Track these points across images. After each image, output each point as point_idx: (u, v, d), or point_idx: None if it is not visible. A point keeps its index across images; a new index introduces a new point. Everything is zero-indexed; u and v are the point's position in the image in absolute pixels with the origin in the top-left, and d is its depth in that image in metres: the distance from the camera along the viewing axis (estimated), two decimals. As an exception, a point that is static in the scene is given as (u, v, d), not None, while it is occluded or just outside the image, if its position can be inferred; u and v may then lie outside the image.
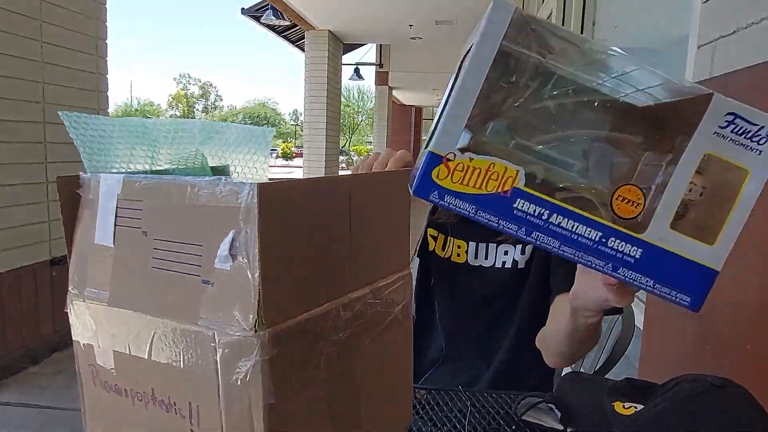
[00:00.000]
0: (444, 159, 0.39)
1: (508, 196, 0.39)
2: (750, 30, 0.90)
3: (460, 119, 0.38)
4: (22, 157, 2.58)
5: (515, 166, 0.39)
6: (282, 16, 7.77)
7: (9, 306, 2.55)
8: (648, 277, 0.41)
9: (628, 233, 0.40)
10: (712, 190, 0.40)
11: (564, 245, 0.40)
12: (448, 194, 0.40)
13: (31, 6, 2.57)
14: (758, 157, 0.39)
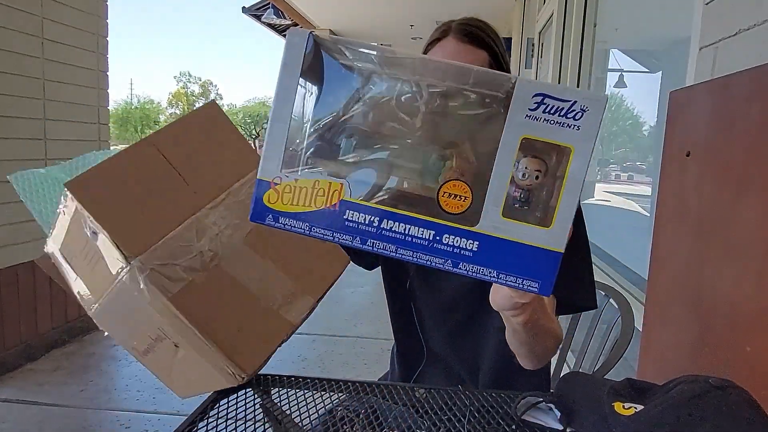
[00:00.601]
0: (271, 184, 0.41)
1: (337, 209, 0.41)
2: (753, 31, 0.90)
3: (278, 146, 0.40)
4: (21, 153, 2.58)
5: (339, 180, 0.40)
6: (283, 15, 7.77)
7: (7, 303, 2.55)
8: (491, 268, 0.41)
9: (460, 227, 0.40)
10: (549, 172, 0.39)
11: (401, 249, 0.41)
12: (282, 216, 0.42)
13: (32, 2, 2.56)
14: (577, 133, 0.38)
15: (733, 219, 0.83)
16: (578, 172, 0.39)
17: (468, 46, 0.89)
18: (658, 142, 2.31)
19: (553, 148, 0.38)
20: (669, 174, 1.07)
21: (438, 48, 0.92)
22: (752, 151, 0.80)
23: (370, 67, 0.40)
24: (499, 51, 0.93)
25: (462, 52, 0.90)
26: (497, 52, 0.92)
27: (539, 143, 0.38)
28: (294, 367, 2.80)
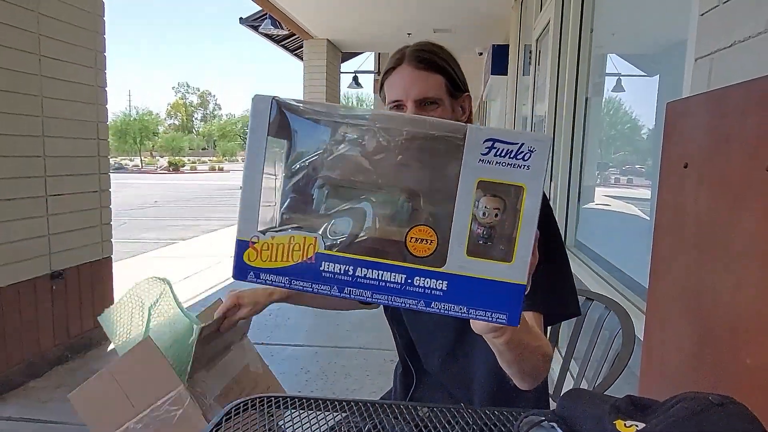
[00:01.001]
0: (250, 243, 0.43)
1: (314, 261, 0.43)
2: (748, 43, 0.91)
3: (253, 207, 0.43)
4: (21, 171, 2.58)
5: (312, 234, 0.43)
6: (280, 26, 7.81)
7: (9, 320, 2.55)
8: (461, 305, 0.43)
9: (429, 269, 0.42)
10: (508, 208, 0.42)
11: (376, 293, 0.44)
12: (263, 272, 0.44)
13: (29, 20, 2.58)
14: (528, 172, 0.41)
15: (731, 231, 0.84)
16: (532, 208, 0.42)
17: (423, 72, 0.92)
18: (656, 144, 2.31)
19: (509, 186, 0.41)
20: (667, 185, 1.07)
21: (395, 75, 0.94)
22: (749, 163, 0.80)
23: (335, 121, 0.43)
24: (455, 72, 0.96)
25: (418, 77, 0.92)
26: (452, 74, 0.95)
27: (496, 185, 0.41)
28: (297, 380, 2.79)
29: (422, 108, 0.92)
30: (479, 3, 6.09)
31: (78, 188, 2.96)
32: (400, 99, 0.92)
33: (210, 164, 43.56)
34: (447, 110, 0.95)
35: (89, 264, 3.08)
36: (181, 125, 71.27)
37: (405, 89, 0.92)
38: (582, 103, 3.13)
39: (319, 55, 8.44)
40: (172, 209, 11.96)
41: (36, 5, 2.61)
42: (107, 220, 3.23)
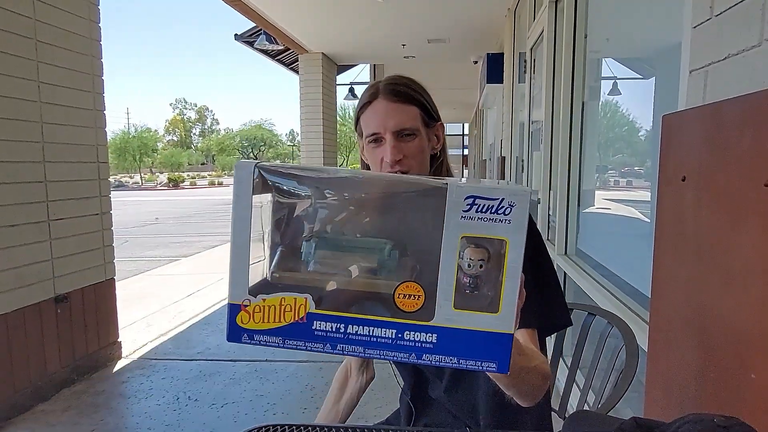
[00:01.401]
0: (242, 306, 0.44)
1: (305, 321, 0.44)
2: (741, 56, 0.92)
3: (243, 270, 0.44)
4: (23, 197, 2.60)
5: (302, 295, 0.43)
6: (275, 41, 7.86)
7: (15, 345, 2.55)
8: (451, 356, 0.44)
9: (418, 323, 0.43)
10: (492, 258, 0.43)
11: (368, 349, 0.44)
12: (256, 334, 0.45)
13: (27, 47, 2.61)
14: (509, 226, 0.42)
15: (731, 245, 0.84)
16: (516, 259, 0.43)
17: (399, 104, 0.95)
18: (654, 146, 2.32)
19: (491, 241, 0.42)
20: (665, 198, 1.08)
21: (370, 109, 0.96)
22: (747, 177, 0.81)
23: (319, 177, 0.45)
24: (428, 103, 0.99)
25: (395, 109, 0.94)
26: (426, 105, 0.98)
27: (481, 239, 0.42)
28: (303, 397, 2.78)
29: (400, 139, 0.94)
30: (472, 13, 6.13)
31: (80, 212, 2.97)
32: (378, 131, 0.94)
33: (209, 179, 43.59)
34: (423, 140, 0.97)
35: (93, 286, 3.08)
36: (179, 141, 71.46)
37: (382, 122, 0.94)
38: (579, 108, 3.15)
39: (315, 68, 8.49)
40: (173, 226, 11.97)
41: (33, 33, 2.63)
42: (109, 242, 3.23)
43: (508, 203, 0.42)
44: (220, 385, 2.93)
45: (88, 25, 3.02)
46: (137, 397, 2.78)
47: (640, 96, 3.02)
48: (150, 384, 2.94)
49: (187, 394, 2.81)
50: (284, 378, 3.01)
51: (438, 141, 1.02)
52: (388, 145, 0.93)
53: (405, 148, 0.95)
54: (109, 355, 3.22)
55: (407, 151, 0.94)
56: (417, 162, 0.96)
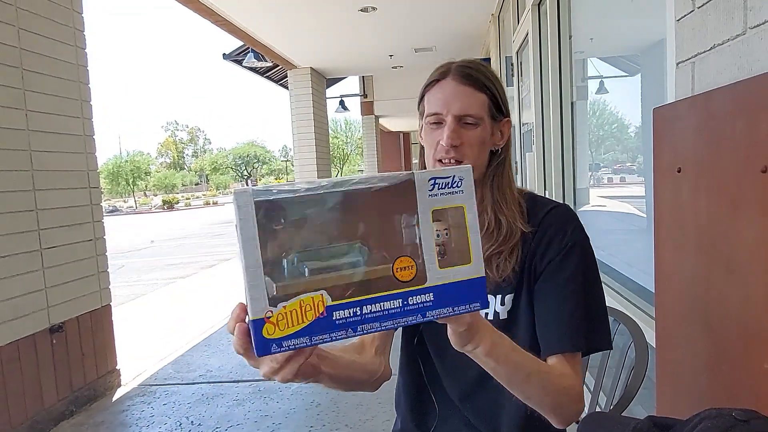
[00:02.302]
0: (265, 319, 0.47)
1: (326, 314, 0.49)
2: (726, 46, 0.91)
3: (259, 287, 0.47)
4: (14, 226, 2.57)
5: (317, 292, 0.48)
6: (263, 58, 7.89)
7: (10, 380, 2.50)
8: (448, 307, 0.54)
9: (417, 288, 0.52)
10: (453, 228, 0.54)
11: (384, 322, 0.51)
12: (284, 340, 0.48)
13: (13, 77, 2.59)
14: (463, 195, 0.54)
15: (732, 233, 0.83)
16: (473, 219, 0.55)
17: (468, 88, 0.90)
18: (644, 142, 2.32)
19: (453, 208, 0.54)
20: (662, 191, 1.07)
21: (437, 88, 0.92)
22: (743, 165, 0.80)
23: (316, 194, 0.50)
24: (498, 94, 0.93)
25: (462, 93, 0.90)
26: (496, 96, 0.93)
27: (444, 209, 0.53)
28: (308, 414, 2.74)
29: (461, 125, 0.90)
30: (457, 20, 6.17)
31: (72, 239, 2.94)
32: (440, 112, 0.90)
33: (204, 199, 43.52)
34: (486, 131, 0.92)
35: (88, 314, 3.04)
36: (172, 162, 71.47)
37: (447, 103, 0.89)
38: (568, 108, 3.16)
39: (304, 83, 8.53)
40: (169, 248, 11.91)
41: (19, 62, 2.62)
42: (104, 267, 3.20)
43: (458, 178, 0.53)
44: (224, 407, 2.88)
45: (74, 51, 3.01)
46: (138, 425, 2.73)
47: (627, 93, 3.03)
48: (151, 411, 2.89)
49: (189, 419, 2.76)
50: (288, 396, 2.97)
51: (502, 137, 0.96)
52: (447, 128, 0.89)
53: (464, 135, 0.90)
54: (107, 383, 3.17)
55: (466, 139, 0.90)
56: (473, 153, 0.90)
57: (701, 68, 1.00)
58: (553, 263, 0.88)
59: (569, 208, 0.95)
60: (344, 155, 43.27)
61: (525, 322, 0.90)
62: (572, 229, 0.90)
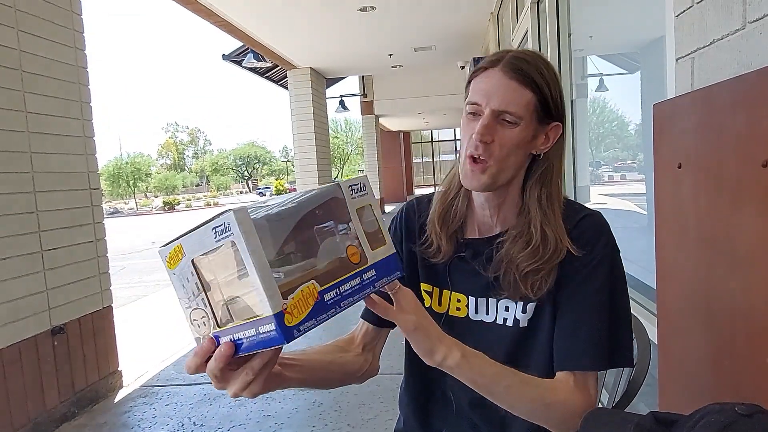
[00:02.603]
0: (283, 311, 0.55)
1: (320, 297, 0.59)
2: (726, 41, 0.91)
3: (273, 285, 0.55)
4: (15, 228, 2.56)
5: (309, 282, 0.58)
6: (263, 59, 7.89)
7: (12, 382, 2.50)
8: (384, 278, 0.68)
9: (365, 266, 0.66)
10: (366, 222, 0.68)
11: (353, 297, 0.63)
12: (300, 325, 0.56)
13: (13, 78, 2.59)
14: (368, 196, 0.69)
15: (733, 229, 0.82)
16: (377, 212, 0.70)
17: (513, 83, 0.82)
18: (645, 140, 2.31)
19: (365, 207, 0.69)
20: (663, 186, 1.06)
21: (483, 76, 0.85)
22: (743, 159, 0.79)
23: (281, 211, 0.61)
24: (551, 95, 0.85)
25: (504, 86, 0.82)
26: (546, 96, 0.84)
27: (362, 208, 0.68)
28: (310, 414, 2.74)
29: (498, 121, 0.83)
30: (456, 20, 6.17)
31: (73, 240, 2.94)
32: (479, 103, 0.83)
33: (205, 200, 43.55)
34: (526, 133, 0.84)
35: (90, 315, 3.04)
36: (173, 164, 71.51)
37: (487, 94, 0.83)
38: (568, 106, 3.15)
39: (304, 83, 8.53)
40: (171, 249, 11.88)
41: (18, 64, 2.62)
42: (105, 269, 3.20)
43: (363, 184, 0.69)
44: (226, 408, 2.88)
45: (74, 53, 3.01)
46: (140, 426, 2.73)
47: (627, 90, 3.03)
48: (153, 412, 2.89)
49: (192, 419, 2.76)
50: (290, 396, 2.96)
51: (546, 142, 0.87)
52: (481, 122, 0.82)
53: (499, 132, 0.83)
54: (109, 385, 3.17)
55: (500, 138, 0.83)
56: (502, 154, 0.83)
57: (701, 63, 1.00)
58: (580, 275, 0.84)
59: (601, 217, 0.90)
60: (345, 155, 43.29)
61: (545, 332, 0.87)
62: (603, 242, 0.86)
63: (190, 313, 0.61)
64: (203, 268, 0.58)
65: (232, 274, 0.55)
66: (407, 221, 1.02)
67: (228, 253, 0.55)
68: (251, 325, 0.56)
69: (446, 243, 0.93)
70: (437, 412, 1.01)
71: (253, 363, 0.61)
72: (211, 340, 0.60)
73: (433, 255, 0.95)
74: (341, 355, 0.96)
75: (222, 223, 0.54)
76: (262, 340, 0.55)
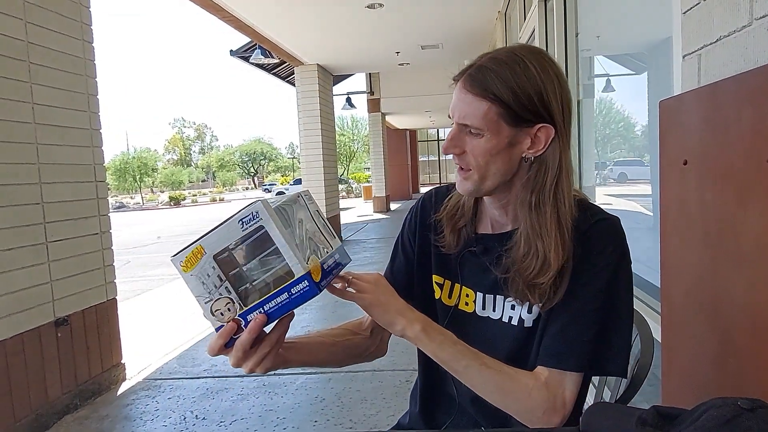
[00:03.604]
0: (310, 271, 0.70)
1: (322, 267, 0.74)
2: (733, 37, 0.90)
3: (298, 252, 0.69)
4: (20, 219, 2.58)
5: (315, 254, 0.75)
6: (270, 55, 7.90)
7: (15, 373, 2.51)
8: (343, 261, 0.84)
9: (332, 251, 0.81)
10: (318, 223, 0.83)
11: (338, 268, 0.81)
12: (321, 281, 0.72)
13: (21, 70, 2.61)
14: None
15: (739, 226, 0.82)
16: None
17: (469, 96, 0.83)
18: (651, 141, 2.30)
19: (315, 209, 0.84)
20: (668, 183, 1.06)
21: (454, 88, 0.88)
22: (750, 156, 0.79)
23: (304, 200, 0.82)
24: (516, 99, 0.81)
25: (460, 101, 0.84)
26: (509, 102, 0.81)
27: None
28: (312, 409, 2.74)
29: (466, 133, 0.85)
30: (463, 18, 6.15)
31: (78, 232, 2.96)
32: (450, 116, 0.87)
33: (211, 195, 43.63)
34: (497, 141, 0.83)
35: (94, 308, 3.06)
36: (179, 159, 71.74)
37: (452, 108, 0.87)
38: (574, 106, 3.14)
39: (311, 80, 8.53)
40: (175, 244, 11.96)
41: (26, 55, 2.63)
42: (109, 262, 3.21)
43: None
44: (228, 402, 2.89)
45: (81, 45, 3.03)
46: (143, 419, 2.75)
47: (633, 91, 3.01)
48: (156, 405, 2.90)
49: (194, 413, 2.77)
50: (293, 391, 2.97)
51: (534, 145, 0.84)
52: (448, 133, 0.88)
53: (469, 143, 0.85)
54: (112, 377, 3.19)
55: (471, 148, 0.85)
56: (481, 162, 0.84)
57: (707, 60, 0.99)
58: (583, 278, 0.84)
59: (616, 222, 0.88)
60: (351, 152, 43.30)
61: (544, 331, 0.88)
62: (611, 248, 0.85)
63: (212, 306, 0.71)
64: (232, 257, 0.70)
65: (256, 258, 0.68)
66: (422, 213, 1.04)
67: (252, 242, 0.68)
68: (282, 291, 0.69)
69: (452, 234, 0.96)
70: (441, 407, 1.02)
71: (272, 336, 0.71)
72: (235, 322, 0.71)
73: (444, 247, 0.97)
74: (349, 338, 1.01)
75: (250, 213, 0.67)
76: (294, 299, 0.69)
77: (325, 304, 4.89)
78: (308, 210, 0.79)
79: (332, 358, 0.97)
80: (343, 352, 0.99)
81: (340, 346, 0.98)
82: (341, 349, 0.98)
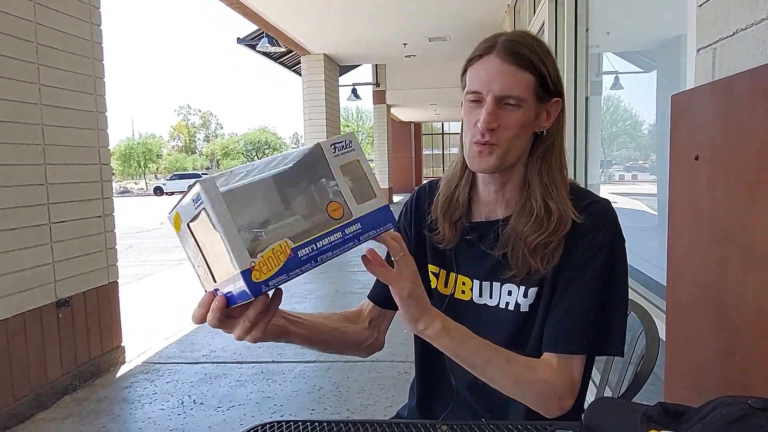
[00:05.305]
0: (251, 268, 0.58)
1: (293, 254, 0.61)
2: (750, 31, 0.88)
3: (239, 245, 0.59)
4: (24, 200, 2.58)
5: (281, 239, 0.61)
6: (277, 43, 7.87)
7: (15, 352, 2.52)
8: (372, 230, 0.68)
9: (348, 221, 0.66)
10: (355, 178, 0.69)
11: (334, 251, 0.64)
12: (269, 280, 0.59)
13: (28, 51, 2.59)
14: (355, 152, 0.69)
15: (749, 222, 0.80)
16: (367, 166, 0.70)
17: (512, 67, 0.83)
18: (659, 140, 2.28)
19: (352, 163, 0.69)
20: (678, 178, 1.04)
21: (480, 64, 0.86)
22: (764, 152, 0.77)
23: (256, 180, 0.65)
24: (548, 72, 0.86)
25: (505, 72, 0.83)
26: (545, 75, 0.85)
27: (348, 164, 0.68)
28: (310, 398, 2.75)
29: (501, 106, 0.84)
30: (472, 10, 6.10)
31: (81, 214, 2.96)
32: (480, 91, 0.85)
33: (214, 184, 43.49)
34: (529, 113, 0.86)
35: (95, 290, 3.06)
36: (184, 146, 71.75)
37: (487, 82, 0.84)
38: (582, 103, 3.11)
39: (317, 69, 8.49)
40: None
41: (34, 36, 2.62)
42: (112, 244, 3.22)
43: (348, 140, 0.69)
44: (226, 387, 2.90)
45: (89, 27, 3.01)
46: (141, 402, 2.76)
47: (642, 89, 2.98)
48: (154, 388, 2.91)
49: (192, 397, 2.78)
50: (291, 379, 2.98)
51: (548, 118, 0.89)
52: (485, 110, 0.83)
53: (503, 117, 0.84)
54: (112, 360, 3.20)
55: (504, 122, 0.84)
56: (509, 136, 0.85)
57: (722, 54, 0.98)
58: (579, 261, 0.85)
59: (608, 205, 0.90)
60: (354, 145, 43.16)
61: (544, 317, 0.88)
62: (606, 229, 0.86)
63: (197, 270, 0.67)
64: (196, 231, 0.64)
65: (214, 237, 0.60)
66: (417, 205, 1.04)
67: (206, 218, 0.60)
68: (230, 282, 0.61)
69: (450, 229, 0.95)
70: (439, 397, 1.02)
71: (249, 312, 0.66)
72: (211, 294, 0.66)
73: (440, 240, 0.97)
74: (347, 325, 1.00)
75: (195, 193, 0.60)
76: (239, 295, 0.61)
77: (325, 294, 4.91)
78: (329, 165, 0.67)
79: (333, 342, 0.95)
80: (344, 338, 0.97)
81: (340, 332, 0.97)
82: (342, 335, 0.97)
